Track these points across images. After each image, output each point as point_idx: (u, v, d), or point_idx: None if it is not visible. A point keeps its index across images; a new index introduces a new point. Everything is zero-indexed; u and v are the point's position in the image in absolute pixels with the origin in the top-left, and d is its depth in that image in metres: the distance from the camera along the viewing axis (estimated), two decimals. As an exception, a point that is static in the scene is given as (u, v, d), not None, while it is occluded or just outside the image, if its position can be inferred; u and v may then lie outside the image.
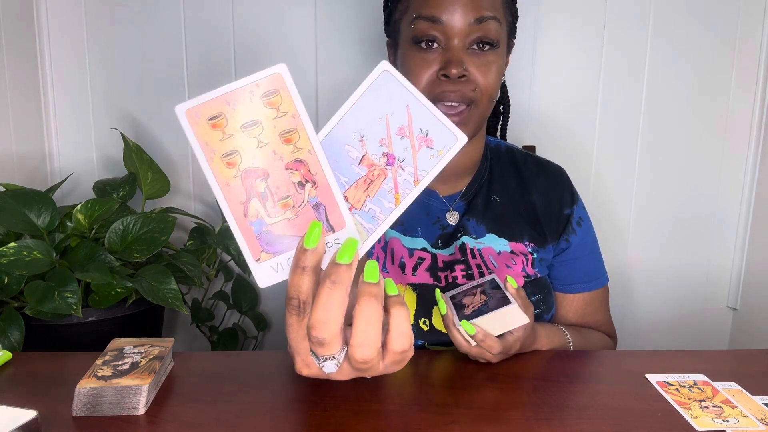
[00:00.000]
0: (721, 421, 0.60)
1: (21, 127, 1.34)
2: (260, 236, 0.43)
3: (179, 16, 1.39)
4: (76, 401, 0.60)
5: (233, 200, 0.43)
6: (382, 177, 0.45)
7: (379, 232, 0.45)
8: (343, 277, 0.38)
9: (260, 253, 0.43)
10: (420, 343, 0.82)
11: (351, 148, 0.45)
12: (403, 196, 0.45)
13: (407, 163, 0.45)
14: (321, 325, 0.39)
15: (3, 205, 1.07)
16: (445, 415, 0.61)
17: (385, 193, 0.45)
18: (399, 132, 0.45)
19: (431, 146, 0.45)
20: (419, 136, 0.45)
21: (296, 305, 0.41)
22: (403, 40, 0.81)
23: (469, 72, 0.77)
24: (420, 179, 0.45)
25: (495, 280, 0.74)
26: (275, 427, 0.59)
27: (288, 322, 0.42)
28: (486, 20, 0.76)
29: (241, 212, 0.43)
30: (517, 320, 0.68)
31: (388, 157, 0.45)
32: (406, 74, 0.80)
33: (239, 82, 0.42)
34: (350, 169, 0.45)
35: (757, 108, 1.41)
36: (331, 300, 0.39)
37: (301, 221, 0.43)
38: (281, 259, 0.43)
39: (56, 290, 1.00)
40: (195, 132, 0.42)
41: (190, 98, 0.43)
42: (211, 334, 1.43)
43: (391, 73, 0.45)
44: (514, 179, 0.92)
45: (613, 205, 1.46)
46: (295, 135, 0.43)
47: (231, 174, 0.42)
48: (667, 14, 1.37)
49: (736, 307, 1.49)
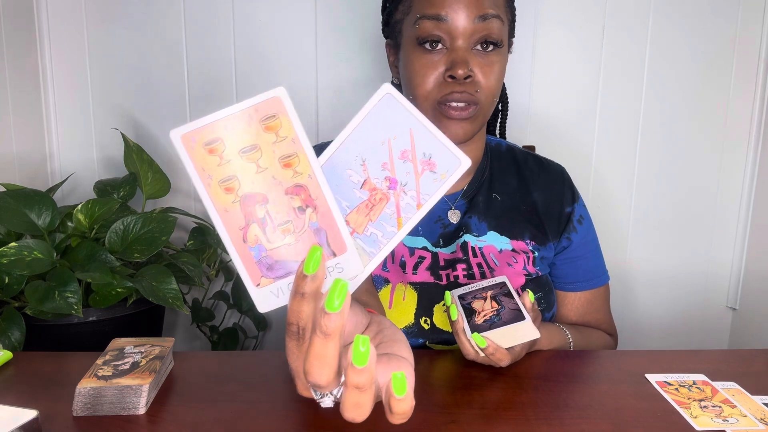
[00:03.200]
0: (721, 421, 0.60)
1: (21, 127, 1.34)
2: (260, 261, 0.42)
3: (179, 16, 1.39)
4: (76, 401, 0.60)
5: (232, 226, 0.42)
6: (384, 201, 0.44)
7: (381, 257, 0.44)
8: (333, 326, 0.36)
9: (260, 278, 0.42)
10: (421, 342, 0.82)
11: (352, 173, 0.44)
12: (406, 220, 0.44)
13: (410, 187, 0.44)
14: (316, 372, 0.38)
15: (4, 205, 1.07)
16: (445, 415, 0.61)
17: (387, 217, 0.44)
18: (401, 156, 0.44)
19: (434, 170, 0.44)
20: (422, 160, 0.44)
21: (295, 331, 0.40)
22: (406, 41, 0.81)
23: (473, 73, 0.77)
24: (422, 203, 0.44)
25: (506, 284, 0.74)
26: (275, 427, 0.59)
27: (288, 346, 0.41)
28: (490, 18, 0.76)
29: (240, 238, 0.42)
30: (528, 335, 0.68)
31: (391, 181, 0.44)
32: (410, 76, 0.80)
33: (237, 107, 0.41)
34: (352, 194, 0.44)
35: (756, 108, 1.41)
36: (324, 349, 0.37)
37: (301, 246, 0.42)
38: (281, 284, 0.43)
39: (57, 290, 1.00)
40: (191, 157, 0.41)
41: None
42: (212, 334, 1.43)
43: (394, 96, 0.44)
44: (514, 178, 0.92)
45: (612, 204, 1.46)
46: (295, 159, 0.42)
47: (229, 200, 0.42)
48: (666, 14, 1.37)
49: (736, 307, 1.49)
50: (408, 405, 0.39)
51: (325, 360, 0.38)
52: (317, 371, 0.38)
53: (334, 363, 0.38)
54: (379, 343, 0.45)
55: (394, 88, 0.45)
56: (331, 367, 0.38)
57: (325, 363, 0.38)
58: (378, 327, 0.47)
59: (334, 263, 0.43)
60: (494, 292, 0.73)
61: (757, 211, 1.42)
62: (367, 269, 0.44)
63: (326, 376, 0.38)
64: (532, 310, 0.70)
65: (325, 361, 0.38)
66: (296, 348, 0.41)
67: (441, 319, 0.82)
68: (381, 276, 0.84)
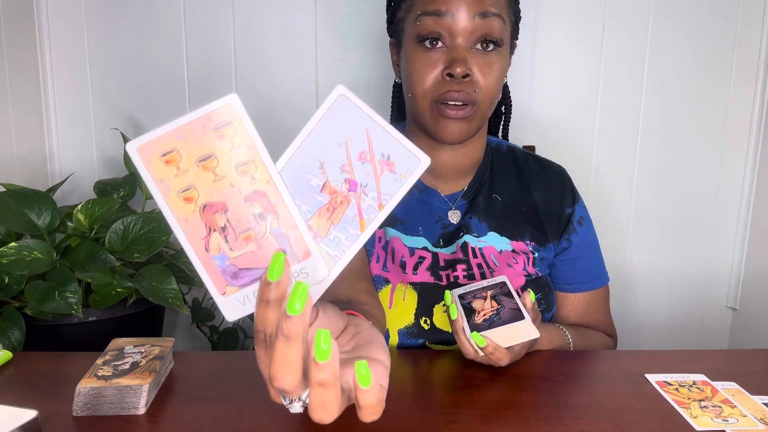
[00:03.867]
0: (721, 421, 0.60)
1: (21, 127, 1.34)
2: (224, 270, 0.42)
3: (179, 15, 1.39)
4: (76, 401, 0.60)
5: (193, 236, 0.42)
6: (345, 204, 0.44)
7: (345, 260, 0.44)
8: (295, 330, 0.36)
9: (225, 287, 0.42)
10: (421, 342, 0.82)
11: (311, 176, 0.43)
12: (368, 221, 0.43)
13: (370, 188, 0.44)
14: (280, 377, 0.38)
15: (4, 205, 1.07)
16: (445, 415, 0.61)
17: (350, 219, 0.43)
18: (360, 157, 0.44)
19: (393, 170, 0.44)
20: (381, 160, 0.44)
21: (263, 338, 0.39)
22: (407, 38, 0.81)
23: (472, 72, 0.77)
24: (384, 204, 0.44)
25: (506, 284, 0.74)
26: (275, 427, 0.59)
27: (257, 354, 0.41)
28: (490, 16, 0.76)
29: (202, 247, 0.42)
30: (528, 334, 0.68)
31: (350, 183, 0.44)
32: (409, 74, 0.80)
33: (190, 116, 0.41)
34: (312, 198, 0.43)
35: (756, 107, 1.41)
36: (287, 354, 0.37)
37: (264, 253, 0.42)
38: (247, 291, 0.42)
39: (57, 290, 1.00)
40: (148, 169, 0.41)
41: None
42: (212, 334, 1.43)
43: (348, 97, 0.44)
44: (515, 179, 0.92)
45: (612, 205, 1.46)
46: (251, 166, 0.42)
47: (189, 209, 0.41)
48: (666, 14, 1.37)
49: (736, 306, 1.49)
50: (374, 398, 0.39)
51: (289, 364, 0.37)
52: (282, 376, 0.38)
53: (298, 367, 0.38)
54: (355, 345, 0.44)
55: (348, 89, 0.44)
56: (295, 371, 0.38)
57: (289, 367, 0.37)
58: (355, 329, 0.47)
59: (299, 268, 0.43)
60: (494, 291, 0.73)
61: (757, 211, 1.42)
62: (332, 273, 0.44)
63: (290, 380, 0.38)
64: (532, 310, 0.70)
65: (289, 366, 0.37)
66: (265, 355, 0.40)
67: (441, 319, 0.82)
68: (381, 276, 0.84)
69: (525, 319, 0.67)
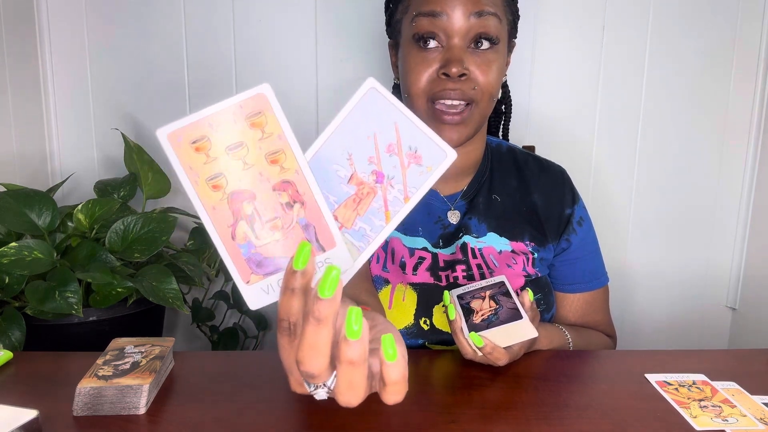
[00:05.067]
0: (721, 421, 0.60)
1: (22, 127, 1.34)
2: (249, 258, 0.42)
3: (179, 15, 1.39)
4: (76, 401, 0.60)
5: (220, 223, 0.42)
6: (371, 195, 0.44)
7: (370, 251, 0.44)
8: (326, 313, 0.36)
9: (250, 275, 0.42)
10: (420, 342, 0.82)
11: (339, 167, 0.44)
12: (393, 213, 0.44)
13: (397, 181, 0.44)
14: (309, 361, 0.38)
15: (4, 205, 1.07)
16: (445, 415, 0.61)
17: (375, 211, 0.44)
18: (387, 149, 0.44)
19: (420, 163, 0.44)
20: (408, 153, 0.44)
21: (286, 327, 0.40)
22: (404, 39, 0.81)
23: (469, 71, 0.77)
24: (410, 196, 0.44)
25: (505, 284, 0.74)
26: (275, 427, 0.59)
27: (280, 342, 0.41)
28: (486, 15, 0.76)
29: (228, 235, 0.42)
30: (526, 334, 0.68)
31: (377, 175, 0.44)
32: (406, 73, 0.80)
33: (222, 104, 0.41)
34: (339, 188, 0.44)
35: (756, 108, 1.41)
36: (317, 337, 0.37)
37: (290, 242, 0.43)
38: (271, 280, 0.43)
39: (57, 290, 1.00)
40: (178, 156, 0.41)
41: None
42: (212, 334, 1.43)
43: (378, 90, 0.44)
44: (515, 179, 0.92)
45: (612, 205, 1.46)
46: (281, 155, 0.42)
47: (217, 197, 0.42)
48: (666, 14, 1.37)
49: (736, 306, 1.49)
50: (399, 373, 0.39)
51: (318, 348, 0.38)
52: (310, 360, 0.38)
53: (327, 351, 0.38)
54: (372, 338, 0.45)
55: (378, 83, 0.45)
56: (324, 355, 0.38)
57: (318, 351, 0.38)
58: (372, 322, 0.47)
59: (323, 258, 0.44)
60: (493, 291, 0.73)
61: (757, 211, 1.42)
62: (357, 263, 0.44)
63: (319, 364, 0.38)
64: (530, 309, 0.70)
65: (318, 350, 0.38)
66: (288, 344, 0.41)
67: (440, 319, 0.82)
68: (381, 276, 0.84)
69: (523, 319, 0.67)
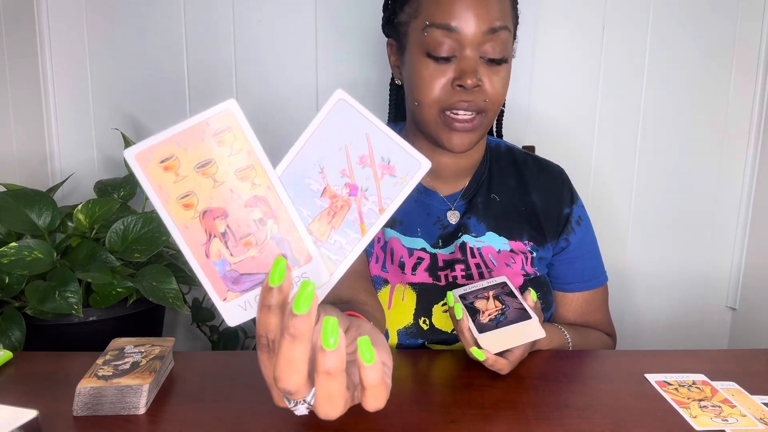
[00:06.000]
0: (720, 421, 0.60)
1: (22, 127, 1.34)
2: (225, 276, 0.42)
3: (179, 15, 1.39)
4: (76, 401, 0.60)
5: (193, 242, 0.41)
6: (345, 208, 0.44)
7: (346, 264, 0.44)
8: (301, 329, 0.36)
9: (226, 292, 0.42)
10: (420, 342, 0.82)
11: (311, 181, 0.44)
12: (369, 225, 0.44)
13: (371, 193, 0.44)
14: (285, 377, 0.38)
15: (4, 205, 1.07)
16: (445, 415, 0.61)
17: (350, 223, 0.44)
18: (360, 161, 0.44)
19: (394, 174, 0.44)
20: (381, 164, 0.44)
21: (265, 343, 0.39)
22: (414, 46, 0.80)
23: (482, 82, 0.76)
24: (385, 208, 0.44)
25: (507, 284, 0.74)
26: (275, 427, 0.59)
27: (260, 358, 0.41)
28: (498, 30, 0.76)
29: (202, 253, 0.42)
30: (534, 334, 0.68)
31: (351, 188, 0.44)
32: (416, 83, 0.79)
33: (188, 122, 0.41)
34: (312, 202, 0.44)
35: (756, 108, 1.41)
36: (293, 353, 0.37)
37: (265, 258, 0.42)
38: (248, 297, 0.42)
39: (57, 290, 1.00)
40: (147, 176, 0.41)
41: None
42: (212, 334, 1.43)
43: (348, 101, 0.44)
44: (513, 179, 0.92)
45: (612, 205, 1.46)
46: (251, 171, 0.42)
47: (189, 216, 0.41)
48: (666, 13, 1.37)
49: (736, 306, 1.49)
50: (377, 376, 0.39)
51: (294, 364, 0.37)
52: (286, 376, 0.38)
53: (303, 368, 0.38)
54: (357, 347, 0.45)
55: (347, 94, 0.44)
56: (300, 372, 0.38)
57: (293, 368, 0.37)
58: (357, 331, 0.46)
59: (300, 273, 0.43)
60: (496, 291, 0.73)
61: (757, 211, 1.42)
62: (334, 277, 0.44)
63: (295, 381, 0.38)
64: (534, 309, 0.70)
65: (294, 366, 0.37)
66: (267, 360, 0.41)
67: (440, 319, 0.82)
68: (380, 276, 0.84)
69: (532, 319, 0.67)
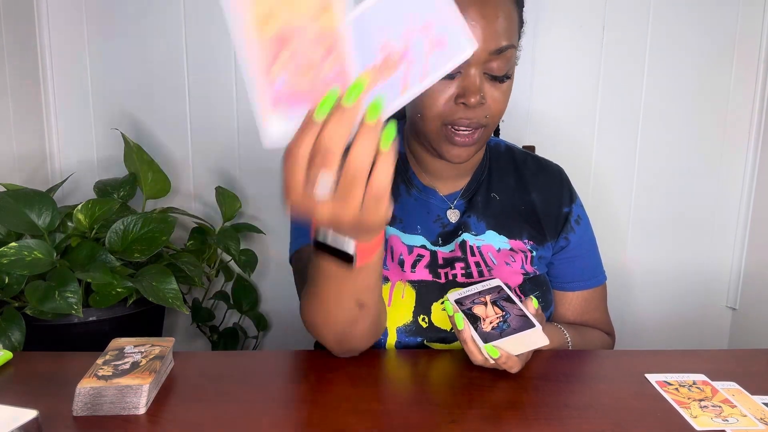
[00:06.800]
0: (721, 421, 0.60)
1: (22, 127, 1.34)
2: (276, 97, 0.45)
3: (179, 15, 1.39)
4: (76, 401, 0.60)
5: (257, 60, 0.44)
6: (395, 67, 0.47)
7: (387, 111, 0.47)
8: (351, 113, 0.43)
9: (272, 111, 0.45)
10: (419, 340, 0.82)
11: (375, 34, 0.47)
12: (410, 87, 0.47)
13: (419, 60, 0.47)
14: (330, 139, 0.44)
15: (4, 205, 1.07)
16: (445, 415, 0.61)
17: (397, 80, 0.47)
18: (418, 29, 0.47)
19: (444, 49, 0.47)
20: (437, 38, 0.47)
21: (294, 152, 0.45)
22: None
23: (485, 99, 0.76)
24: (426, 77, 0.47)
25: (503, 288, 0.74)
26: (275, 427, 0.59)
27: (286, 156, 0.46)
28: (505, 50, 0.75)
29: (263, 72, 0.44)
30: (539, 342, 0.68)
31: (404, 50, 0.47)
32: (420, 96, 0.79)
33: None
34: (369, 54, 0.47)
35: (756, 108, 1.41)
36: (341, 123, 0.44)
37: (317, 90, 0.45)
38: (289, 125, 0.46)
39: (57, 290, 1.00)
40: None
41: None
42: (212, 334, 1.43)
43: None
44: (513, 178, 0.92)
45: (612, 204, 1.46)
46: (327, 9, 0.44)
47: (259, 35, 0.44)
48: (666, 14, 1.37)
49: (736, 306, 1.49)
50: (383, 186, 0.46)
51: (341, 129, 0.44)
52: (330, 138, 0.44)
53: (346, 135, 0.44)
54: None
55: None
56: (343, 137, 0.44)
57: (340, 131, 0.44)
58: None
59: None
60: (493, 296, 0.73)
61: (757, 211, 1.42)
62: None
63: (338, 143, 0.44)
64: (536, 316, 0.69)
65: (341, 130, 0.44)
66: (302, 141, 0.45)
67: (439, 317, 0.82)
68: (381, 274, 0.84)
69: (536, 327, 0.67)
